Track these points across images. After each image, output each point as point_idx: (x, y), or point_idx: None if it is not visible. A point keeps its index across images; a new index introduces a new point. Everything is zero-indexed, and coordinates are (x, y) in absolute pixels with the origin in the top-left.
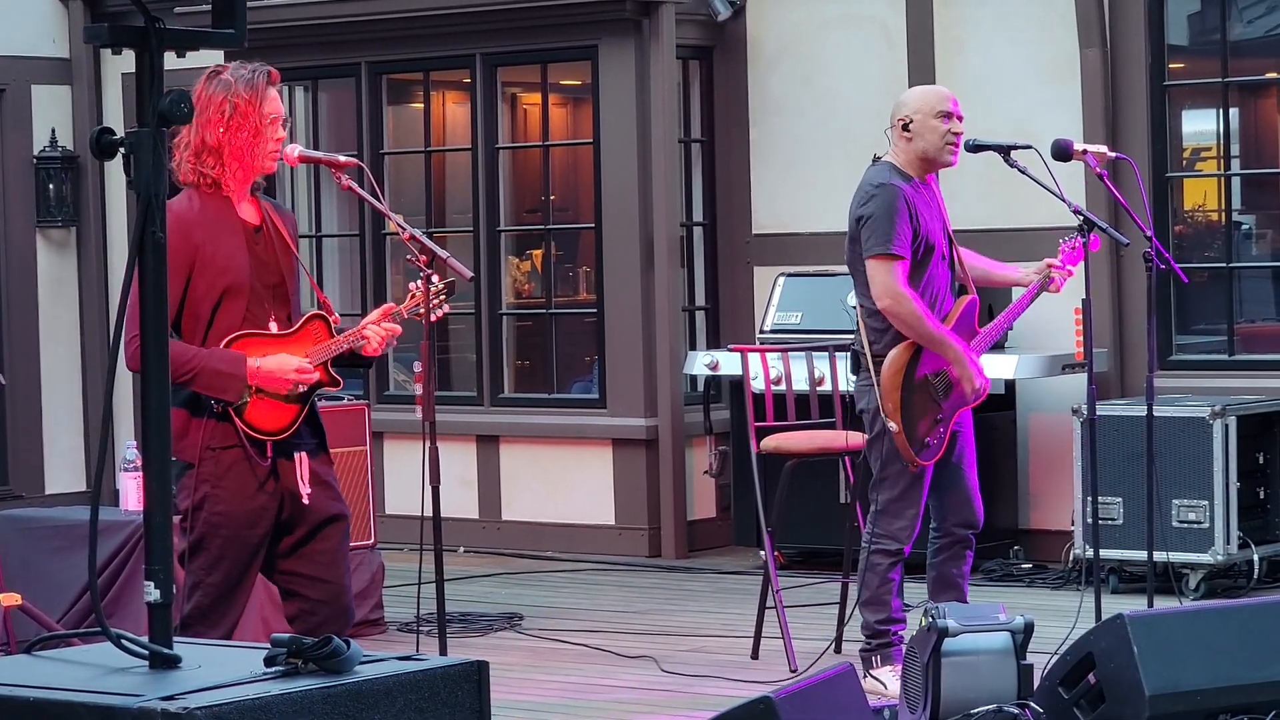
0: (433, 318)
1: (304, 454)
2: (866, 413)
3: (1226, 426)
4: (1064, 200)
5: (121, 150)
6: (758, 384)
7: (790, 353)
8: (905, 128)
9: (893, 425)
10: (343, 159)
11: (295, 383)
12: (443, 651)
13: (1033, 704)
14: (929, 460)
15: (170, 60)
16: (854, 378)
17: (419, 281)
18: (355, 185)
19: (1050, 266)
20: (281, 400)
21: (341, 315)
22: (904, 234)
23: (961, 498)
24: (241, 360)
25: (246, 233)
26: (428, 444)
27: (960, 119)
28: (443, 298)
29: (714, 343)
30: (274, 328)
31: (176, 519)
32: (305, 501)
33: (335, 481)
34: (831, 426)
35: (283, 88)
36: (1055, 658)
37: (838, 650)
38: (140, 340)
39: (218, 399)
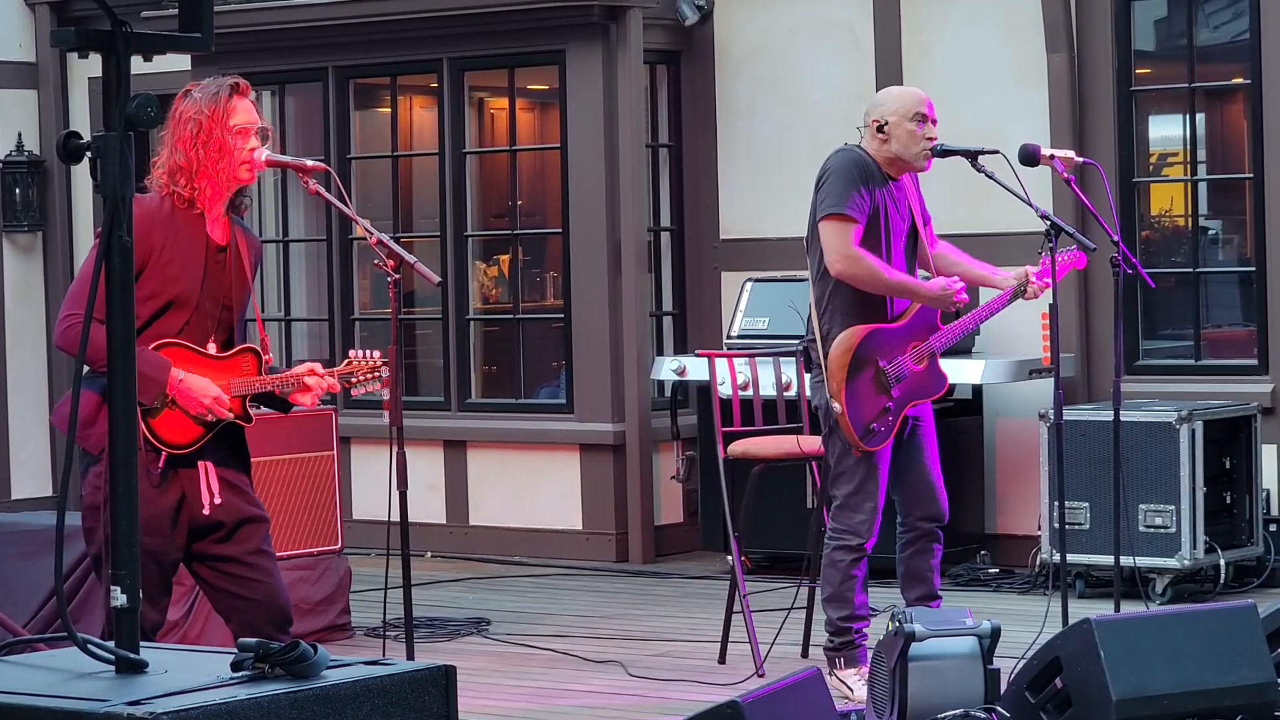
0: (356, 392)
1: (209, 463)
2: (821, 408)
3: (1193, 431)
4: (1031, 205)
5: (88, 154)
6: (725, 389)
7: (757, 358)
8: (880, 129)
9: (836, 406)
10: (310, 163)
11: (208, 409)
12: (410, 656)
13: (999, 709)
14: (875, 447)
15: (137, 65)
16: (808, 375)
17: (361, 352)
18: (322, 190)
19: (1029, 274)
20: (190, 419)
21: (307, 320)
22: (859, 198)
23: (923, 491)
24: (167, 367)
25: (209, 251)
26: (395, 449)
27: (934, 123)
28: (377, 373)
29: (681, 348)
30: (211, 349)
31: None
32: (206, 511)
33: (250, 488)
34: (798, 432)
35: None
36: (1022, 662)
37: (805, 654)
38: (107, 343)
39: None
